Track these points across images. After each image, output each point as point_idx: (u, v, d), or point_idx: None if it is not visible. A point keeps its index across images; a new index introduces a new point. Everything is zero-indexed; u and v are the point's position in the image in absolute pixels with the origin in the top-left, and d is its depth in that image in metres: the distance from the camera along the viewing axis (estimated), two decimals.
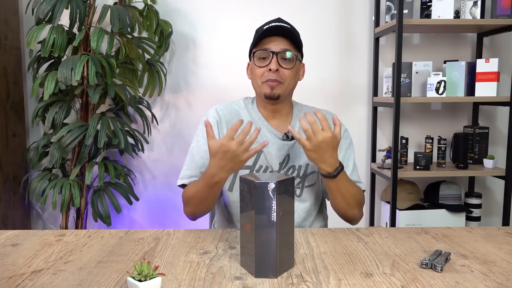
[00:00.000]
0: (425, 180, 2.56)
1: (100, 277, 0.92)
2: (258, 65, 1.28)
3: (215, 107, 1.39)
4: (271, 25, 1.28)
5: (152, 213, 2.60)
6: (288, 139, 1.34)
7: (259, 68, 1.28)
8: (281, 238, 0.92)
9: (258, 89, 1.32)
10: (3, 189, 2.29)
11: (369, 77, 2.54)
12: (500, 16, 2.24)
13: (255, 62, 1.29)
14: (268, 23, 1.30)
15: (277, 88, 1.28)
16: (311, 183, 1.35)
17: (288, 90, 1.31)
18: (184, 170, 1.35)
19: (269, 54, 1.26)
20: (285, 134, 1.34)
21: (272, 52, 1.26)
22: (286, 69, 1.27)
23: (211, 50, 2.51)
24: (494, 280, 0.90)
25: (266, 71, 1.27)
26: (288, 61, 1.27)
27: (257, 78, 1.30)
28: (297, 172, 1.33)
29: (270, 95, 1.29)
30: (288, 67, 1.27)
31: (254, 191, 0.91)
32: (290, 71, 1.28)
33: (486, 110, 2.58)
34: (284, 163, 1.33)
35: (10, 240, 1.17)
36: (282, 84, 1.28)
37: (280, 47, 1.26)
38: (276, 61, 1.26)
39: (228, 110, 1.38)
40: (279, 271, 0.92)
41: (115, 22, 2.03)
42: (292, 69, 1.28)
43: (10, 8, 2.35)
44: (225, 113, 1.37)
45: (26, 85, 2.53)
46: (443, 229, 1.25)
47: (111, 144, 2.23)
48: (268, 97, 1.29)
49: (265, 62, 1.27)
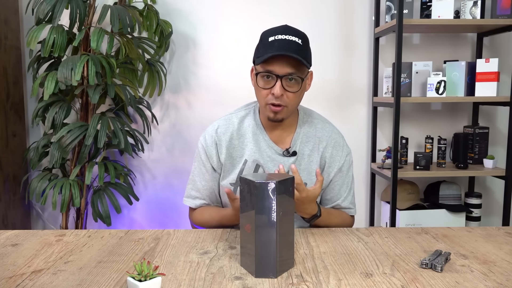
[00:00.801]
0: (425, 180, 2.56)
1: (100, 277, 0.92)
2: (262, 86, 1.22)
3: (215, 126, 1.35)
4: (277, 39, 1.18)
5: (152, 213, 2.60)
6: (289, 154, 1.31)
7: (263, 89, 1.22)
8: (281, 238, 0.92)
9: (261, 107, 1.28)
10: (3, 189, 2.29)
11: (369, 77, 2.54)
12: (500, 16, 2.23)
13: (259, 82, 1.22)
14: (274, 33, 1.20)
15: (281, 113, 1.23)
16: None
17: (292, 111, 1.27)
18: (188, 189, 1.41)
19: (274, 77, 1.19)
20: (286, 150, 1.31)
21: (276, 76, 1.19)
22: (291, 93, 1.21)
23: (211, 50, 2.51)
24: (494, 280, 0.90)
25: (270, 94, 1.21)
26: (294, 83, 1.21)
27: (261, 98, 1.25)
28: None
29: (274, 119, 1.25)
30: (293, 90, 1.21)
31: (254, 191, 0.91)
32: (294, 94, 1.22)
33: (486, 110, 2.58)
34: None
35: (10, 240, 1.17)
36: (286, 108, 1.23)
37: (286, 70, 1.18)
38: (280, 86, 1.18)
39: (226, 127, 1.34)
40: (279, 271, 0.92)
41: (115, 22, 2.03)
42: (298, 92, 1.22)
43: (10, 8, 2.35)
44: (223, 131, 1.34)
45: (26, 85, 2.53)
46: (443, 229, 1.25)
47: (111, 144, 2.23)
48: (272, 120, 1.26)
49: (270, 83, 1.20)
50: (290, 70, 1.18)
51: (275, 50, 1.16)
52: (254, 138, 1.32)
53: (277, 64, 1.18)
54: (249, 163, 1.31)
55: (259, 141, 1.32)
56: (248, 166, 1.32)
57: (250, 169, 1.32)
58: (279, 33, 1.19)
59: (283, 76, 1.18)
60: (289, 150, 1.31)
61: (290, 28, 1.23)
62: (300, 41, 1.20)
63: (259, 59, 1.20)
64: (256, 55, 1.24)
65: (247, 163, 1.32)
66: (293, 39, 1.19)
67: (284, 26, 1.24)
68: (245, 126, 1.34)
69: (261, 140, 1.32)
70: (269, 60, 1.18)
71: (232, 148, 1.33)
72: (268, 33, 1.22)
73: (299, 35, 1.21)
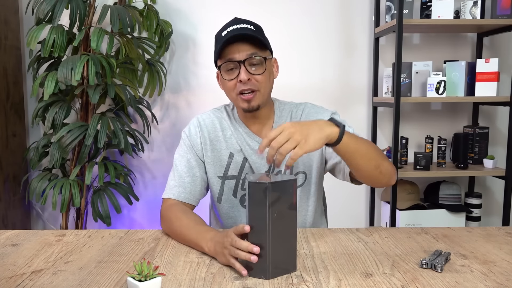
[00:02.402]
0: (425, 180, 2.56)
1: (100, 277, 0.92)
2: (228, 78, 1.20)
3: (197, 117, 1.35)
4: (229, 31, 1.18)
5: (152, 213, 2.60)
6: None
7: (229, 81, 1.20)
8: (275, 241, 0.91)
9: (234, 102, 1.26)
10: (3, 189, 2.29)
11: (369, 77, 2.54)
12: (500, 16, 2.23)
13: (224, 76, 1.21)
14: (225, 28, 1.20)
15: (254, 99, 1.20)
16: (299, 184, 1.32)
17: (266, 96, 1.24)
18: (169, 181, 1.33)
19: (236, 65, 1.18)
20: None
21: (238, 62, 1.17)
22: (258, 75, 1.19)
23: (211, 50, 2.50)
24: (494, 280, 0.90)
25: (237, 82, 1.19)
26: (257, 65, 1.19)
27: (230, 91, 1.22)
28: None
29: (249, 109, 1.22)
30: (259, 72, 1.19)
31: (248, 190, 0.91)
32: (262, 76, 1.20)
33: (486, 110, 2.58)
34: (271, 169, 1.30)
35: (10, 240, 1.17)
36: (258, 92, 1.20)
37: (246, 53, 1.17)
38: (245, 70, 1.17)
39: (210, 120, 1.34)
40: (273, 273, 0.91)
41: (115, 22, 2.03)
42: (264, 73, 1.20)
43: (10, 8, 2.35)
44: (207, 122, 1.33)
45: (26, 85, 2.53)
46: (443, 229, 1.25)
47: (111, 144, 2.23)
48: (247, 111, 1.23)
49: (234, 73, 1.19)
50: (249, 52, 1.17)
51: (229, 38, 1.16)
52: (236, 132, 1.31)
53: (235, 51, 1.17)
54: (236, 157, 1.30)
55: (241, 134, 1.31)
56: (236, 160, 1.30)
57: (237, 162, 1.30)
58: (229, 25, 1.20)
59: (244, 60, 1.17)
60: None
61: (240, 19, 1.23)
62: (252, 27, 1.21)
63: (216, 53, 1.20)
64: (215, 55, 1.23)
65: (234, 157, 1.30)
66: (244, 26, 1.19)
67: (233, 18, 1.24)
68: (225, 122, 1.33)
69: (243, 133, 1.31)
70: (225, 50, 1.18)
71: (216, 140, 1.31)
72: (220, 30, 1.22)
73: (250, 23, 1.22)
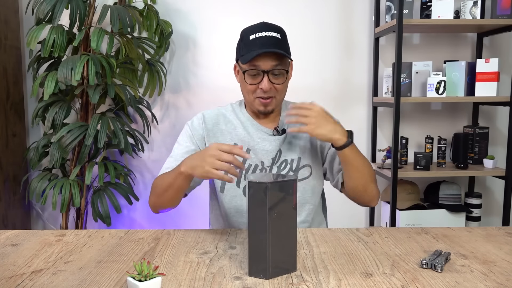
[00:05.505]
0: (425, 180, 2.56)
1: (100, 277, 0.92)
2: (250, 82, 1.28)
3: (202, 112, 1.42)
4: (258, 37, 1.25)
5: (152, 213, 2.60)
6: (278, 134, 1.36)
7: (251, 85, 1.28)
8: (274, 240, 0.91)
9: (249, 102, 1.34)
10: (3, 189, 2.29)
11: (369, 77, 2.54)
12: (500, 16, 2.23)
13: (246, 79, 1.28)
14: (253, 31, 1.27)
15: (271, 104, 1.30)
16: (304, 177, 1.35)
17: (280, 101, 1.34)
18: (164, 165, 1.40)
19: (260, 72, 1.26)
20: (275, 129, 1.36)
21: (262, 71, 1.25)
22: (278, 85, 1.28)
23: (211, 50, 2.51)
24: (494, 280, 0.90)
25: (258, 88, 1.28)
26: (279, 76, 1.28)
27: (249, 93, 1.30)
28: (290, 166, 1.35)
29: (264, 111, 1.32)
30: (280, 82, 1.28)
31: (248, 190, 0.91)
32: (282, 85, 1.29)
33: (486, 110, 2.58)
34: (277, 158, 1.34)
35: (10, 240, 1.17)
36: (275, 98, 1.30)
37: (271, 64, 1.25)
38: (268, 80, 1.26)
39: (215, 114, 1.40)
40: (272, 273, 0.92)
41: (115, 22, 2.03)
42: (284, 82, 1.29)
43: (10, 8, 2.35)
44: (211, 116, 1.39)
45: (26, 85, 2.53)
46: (443, 229, 1.25)
47: (111, 144, 2.23)
48: (262, 113, 1.33)
49: (256, 79, 1.27)
50: (274, 63, 1.25)
51: (258, 48, 1.24)
52: (242, 124, 1.37)
53: (261, 61, 1.25)
54: None
55: (247, 126, 1.37)
56: None
57: None
58: (258, 31, 1.27)
59: (269, 71, 1.25)
60: (278, 129, 1.36)
61: (268, 25, 1.30)
62: (279, 35, 1.28)
63: (244, 58, 1.26)
64: (239, 53, 1.31)
65: None
66: (272, 35, 1.26)
67: (262, 23, 1.31)
68: (232, 116, 1.39)
69: (249, 126, 1.37)
70: (254, 58, 1.25)
71: (219, 133, 1.37)
72: (248, 31, 1.29)
73: (277, 30, 1.28)
